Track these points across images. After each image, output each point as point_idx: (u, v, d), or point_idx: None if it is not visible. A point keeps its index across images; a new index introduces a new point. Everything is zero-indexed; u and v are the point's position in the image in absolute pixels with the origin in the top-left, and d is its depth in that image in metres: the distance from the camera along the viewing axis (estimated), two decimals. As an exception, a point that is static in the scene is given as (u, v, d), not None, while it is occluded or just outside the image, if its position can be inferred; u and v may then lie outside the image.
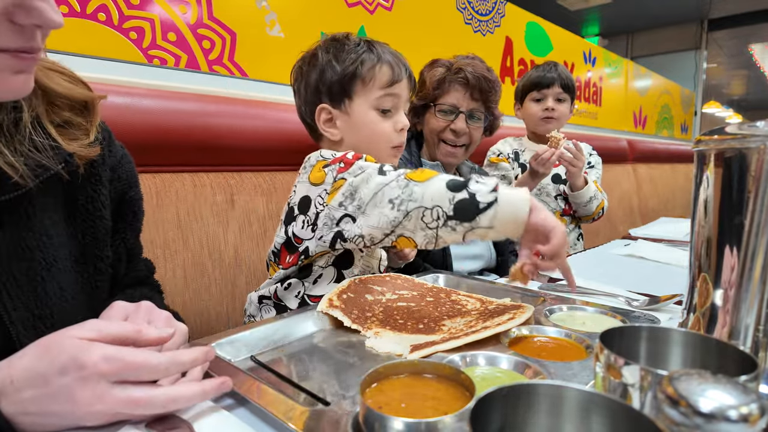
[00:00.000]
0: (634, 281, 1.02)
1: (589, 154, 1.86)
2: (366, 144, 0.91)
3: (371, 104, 0.90)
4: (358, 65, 0.88)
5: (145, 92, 1.10)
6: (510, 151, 1.80)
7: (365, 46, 0.91)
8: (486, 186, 0.67)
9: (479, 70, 1.26)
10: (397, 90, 0.91)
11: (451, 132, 1.30)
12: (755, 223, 0.49)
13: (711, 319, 0.54)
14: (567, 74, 1.73)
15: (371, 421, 0.40)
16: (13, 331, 0.54)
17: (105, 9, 1.16)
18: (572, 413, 0.34)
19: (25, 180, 0.54)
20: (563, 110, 1.72)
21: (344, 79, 0.89)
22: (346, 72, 0.89)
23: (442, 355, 0.58)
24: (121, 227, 0.70)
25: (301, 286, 0.89)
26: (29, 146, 0.55)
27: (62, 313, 0.59)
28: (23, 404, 0.43)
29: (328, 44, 0.93)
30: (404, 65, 0.93)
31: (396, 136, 0.92)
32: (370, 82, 0.89)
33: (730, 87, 10.04)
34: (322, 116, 0.93)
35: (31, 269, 0.56)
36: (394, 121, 0.92)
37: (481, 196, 0.66)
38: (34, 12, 0.44)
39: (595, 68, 3.41)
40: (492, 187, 0.66)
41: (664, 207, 3.56)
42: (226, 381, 0.50)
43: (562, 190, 1.75)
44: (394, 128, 0.92)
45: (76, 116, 0.60)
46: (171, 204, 1.11)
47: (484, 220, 0.65)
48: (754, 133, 0.49)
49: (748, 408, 0.29)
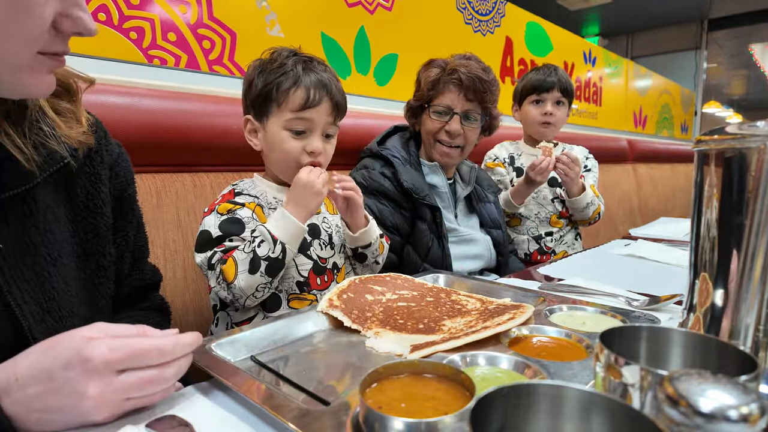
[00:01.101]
0: (634, 281, 1.02)
1: (585, 158, 1.87)
2: (279, 160, 0.96)
3: (282, 125, 0.92)
4: (273, 87, 0.91)
5: (145, 92, 1.10)
6: (506, 156, 1.81)
7: (290, 65, 0.92)
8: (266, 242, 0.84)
9: (474, 70, 1.25)
10: (311, 115, 0.91)
11: (446, 133, 1.30)
12: (755, 222, 0.49)
13: (711, 319, 0.54)
14: (566, 78, 1.73)
15: (371, 421, 0.40)
16: (25, 324, 0.55)
17: (105, 9, 1.16)
18: (572, 413, 0.34)
19: (32, 166, 0.55)
20: (561, 115, 1.73)
21: (261, 98, 0.93)
22: (264, 91, 0.92)
23: (442, 355, 0.58)
24: (122, 225, 0.71)
25: (227, 317, 0.94)
26: (37, 132, 0.57)
27: (69, 307, 0.60)
28: (28, 401, 0.43)
29: (260, 60, 0.95)
30: (327, 90, 0.93)
31: (306, 157, 0.93)
32: (282, 104, 0.91)
33: (730, 87, 10.04)
34: (247, 126, 0.98)
35: (37, 264, 0.57)
36: (306, 143, 0.93)
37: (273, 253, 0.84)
38: (79, 21, 0.49)
39: (595, 68, 3.40)
40: (271, 238, 0.84)
41: (664, 207, 3.56)
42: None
43: (559, 193, 1.76)
44: (305, 149, 0.93)
45: (65, 103, 0.62)
46: (171, 204, 1.11)
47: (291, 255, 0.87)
48: (755, 133, 0.49)
49: (748, 408, 0.29)
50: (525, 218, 1.76)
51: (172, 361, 0.49)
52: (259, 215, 0.92)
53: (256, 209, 0.92)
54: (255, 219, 0.91)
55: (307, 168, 0.90)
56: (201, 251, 0.89)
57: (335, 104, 0.95)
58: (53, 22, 0.48)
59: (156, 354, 0.47)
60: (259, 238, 0.84)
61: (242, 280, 0.84)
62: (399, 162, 1.30)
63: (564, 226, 1.77)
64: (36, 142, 0.57)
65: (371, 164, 1.31)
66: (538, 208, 1.75)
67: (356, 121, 1.55)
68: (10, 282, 0.54)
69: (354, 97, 1.79)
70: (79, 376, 0.43)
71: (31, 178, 0.56)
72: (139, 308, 0.76)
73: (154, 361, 0.47)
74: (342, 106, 0.97)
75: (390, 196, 1.26)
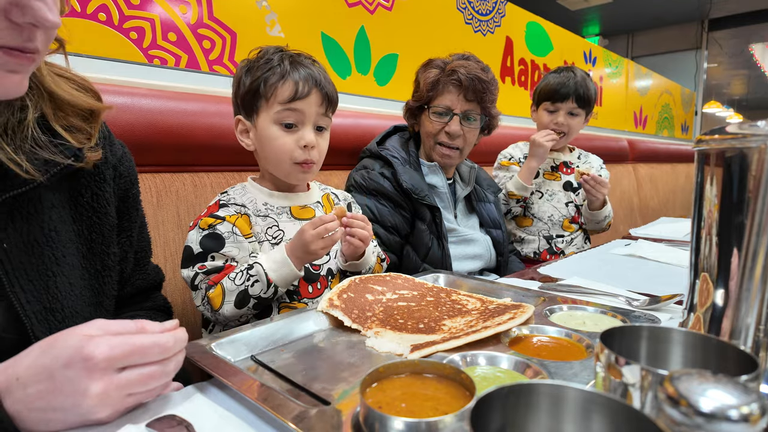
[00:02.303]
0: (635, 281, 1.02)
1: (600, 167, 1.89)
2: (271, 158, 0.94)
3: (272, 118, 0.91)
4: (261, 82, 0.90)
5: (145, 92, 1.10)
6: (521, 156, 1.81)
7: (277, 61, 0.91)
8: (260, 282, 0.84)
9: (473, 70, 1.25)
10: (301, 106, 0.90)
11: (446, 134, 1.30)
12: (756, 222, 0.49)
13: (712, 318, 0.54)
14: (585, 85, 1.69)
15: (371, 420, 0.40)
16: (28, 323, 0.55)
17: (105, 9, 1.16)
18: (573, 413, 0.34)
19: (31, 174, 0.55)
20: (575, 125, 1.71)
21: (249, 95, 0.92)
22: (252, 88, 0.91)
23: (443, 355, 0.58)
24: (126, 225, 0.71)
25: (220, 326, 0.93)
26: (31, 144, 0.56)
27: (73, 307, 0.60)
28: (29, 400, 0.43)
29: (247, 60, 0.95)
30: (315, 81, 0.91)
31: (300, 152, 0.92)
32: (271, 98, 0.90)
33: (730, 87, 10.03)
34: (238, 127, 0.97)
35: (41, 264, 0.57)
36: (298, 137, 0.92)
37: (264, 293, 0.85)
38: (28, 10, 0.45)
39: (595, 68, 3.40)
40: (264, 279, 0.84)
41: (665, 207, 3.55)
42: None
43: (573, 197, 1.77)
44: (297, 144, 0.92)
45: (80, 122, 0.62)
46: (171, 204, 1.11)
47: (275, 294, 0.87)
48: (755, 132, 0.49)
49: (749, 408, 0.29)
50: (537, 219, 1.76)
51: (171, 356, 0.49)
52: (241, 227, 0.89)
53: (237, 222, 0.89)
54: (236, 233, 0.88)
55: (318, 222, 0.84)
56: (185, 267, 0.88)
57: (325, 95, 0.93)
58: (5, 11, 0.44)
59: (158, 351, 0.47)
60: (255, 278, 0.84)
61: (227, 311, 0.84)
62: (398, 162, 1.29)
63: (575, 230, 1.79)
64: (30, 153, 0.56)
65: (371, 164, 1.31)
66: (552, 211, 1.76)
67: (356, 121, 1.55)
68: (14, 281, 0.55)
69: (354, 96, 1.79)
70: (80, 374, 0.43)
71: (32, 178, 0.56)
72: (142, 308, 0.76)
73: (156, 358, 0.47)
74: (333, 98, 0.95)
75: (389, 196, 1.25)
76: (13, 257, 0.55)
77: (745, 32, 6.77)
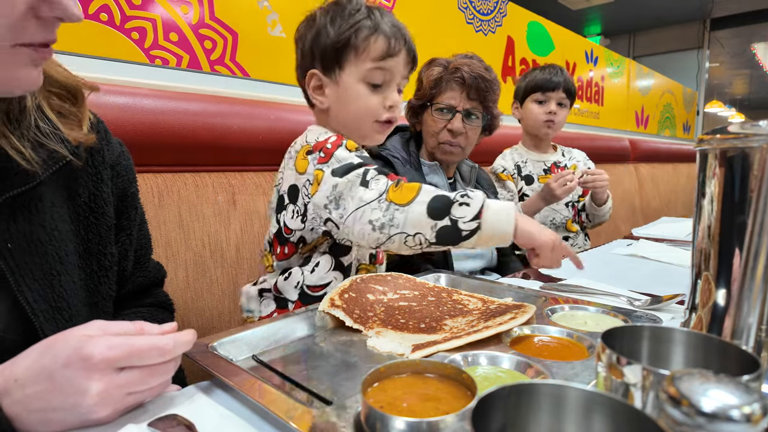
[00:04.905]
0: (636, 281, 1.02)
1: (586, 159, 1.90)
2: (352, 117, 0.88)
3: (361, 76, 0.85)
4: (352, 33, 0.83)
5: (146, 92, 1.11)
6: (512, 166, 1.79)
7: (365, 12, 0.85)
8: (471, 208, 0.68)
9: (476, 69, 1.25)
10: (391, 64, 0.86)
11: (448, 132, 1.30)
12: (758, 222, 0.49)
13: (713, 318, 0.54)
14: (570, 79, 1.73)
15: (373, 420, 0.40)
16: (36, 322, 0.55)
17: (107, 9, 1.16)
18: (574, 413, 0.34)
19: (33, 166, 0.55)
20: (562, 116, 1.74)
21: (337, 46, 0.84)
22: (340, 39, 0.84)
23: (444, 355, 0.58)
24: (125, 223, 0.71)
25: (300, 275, 0.89)
26: (35, 132, 0.56)
27: (77, 306, 0.60)
28: (28, 401, 0.43)
29: (329, 6, 0.87)
30: (404, 39, 0.87)
31: (384, 112, 0.88)
32: (363, 53, 0.84)
33: (732, 86, 10.02)
34: (312, 82, 0.89)
35: (45, 263, 0.57)
36: (384, 96, 0.87)
37: (464, 223, 0.68)
38: (57, 5, 0.46)
39: (597, 68, 3.40)
40: (476, 210, 0.68)
41: (666, 207, 3.55)
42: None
43: (571, 197, 1.77)
44: (383, 104, 0.87)
45: (69, 106, 0.62)
46: (173, 204, 1.11)
47: (468, 244, 0.69)
48: (757, 132, 0.49)
49: (751, 408, 0.29)
50: (541, 223, 1.75)
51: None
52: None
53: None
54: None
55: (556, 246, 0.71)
56: (344, 175, 0.77)
57: (412, 54, 0.89)
58: (31, 8, 0.45)
59: (157, 353, 0.47)
60: (468, 199, 0.69)
61: (414, 212, 0.70)
62: (399, 162, 1.30)
63: (578, 231, 1.81)
64: (35, 142, 0.56)
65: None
66: (553, 214, 1.76)
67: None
68: (20, 280, 0.54)
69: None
70: (80, 374, 0.43)
71: (35, 176, 0.56)
72: (144, 304, 0.76)
73: (155, 360, 0.47)
74: (416, 58, 0.91)
75: (391, 196, 1.25)
76: (18, 256, 0.55)
77: (747, 32, 6.75)
